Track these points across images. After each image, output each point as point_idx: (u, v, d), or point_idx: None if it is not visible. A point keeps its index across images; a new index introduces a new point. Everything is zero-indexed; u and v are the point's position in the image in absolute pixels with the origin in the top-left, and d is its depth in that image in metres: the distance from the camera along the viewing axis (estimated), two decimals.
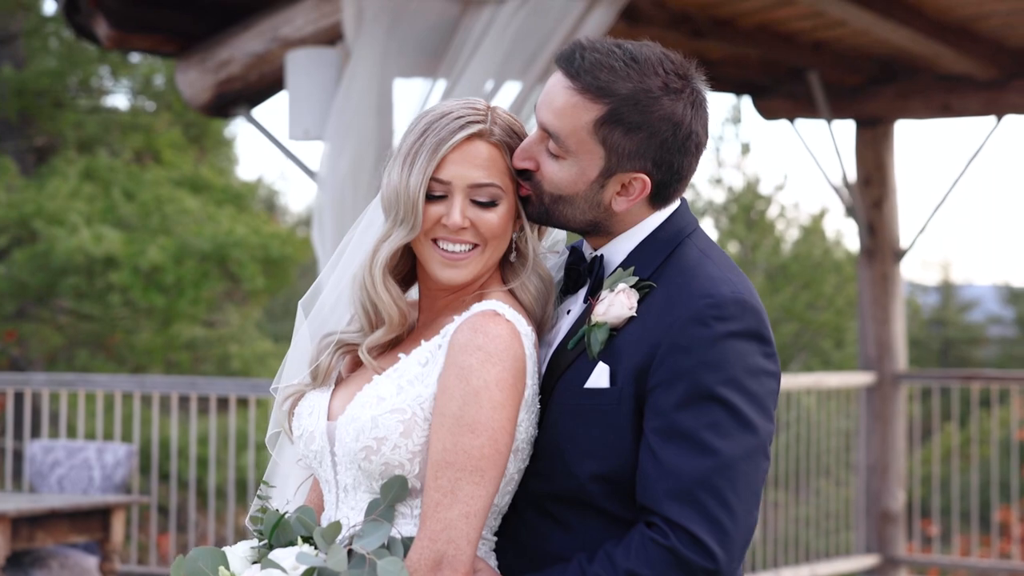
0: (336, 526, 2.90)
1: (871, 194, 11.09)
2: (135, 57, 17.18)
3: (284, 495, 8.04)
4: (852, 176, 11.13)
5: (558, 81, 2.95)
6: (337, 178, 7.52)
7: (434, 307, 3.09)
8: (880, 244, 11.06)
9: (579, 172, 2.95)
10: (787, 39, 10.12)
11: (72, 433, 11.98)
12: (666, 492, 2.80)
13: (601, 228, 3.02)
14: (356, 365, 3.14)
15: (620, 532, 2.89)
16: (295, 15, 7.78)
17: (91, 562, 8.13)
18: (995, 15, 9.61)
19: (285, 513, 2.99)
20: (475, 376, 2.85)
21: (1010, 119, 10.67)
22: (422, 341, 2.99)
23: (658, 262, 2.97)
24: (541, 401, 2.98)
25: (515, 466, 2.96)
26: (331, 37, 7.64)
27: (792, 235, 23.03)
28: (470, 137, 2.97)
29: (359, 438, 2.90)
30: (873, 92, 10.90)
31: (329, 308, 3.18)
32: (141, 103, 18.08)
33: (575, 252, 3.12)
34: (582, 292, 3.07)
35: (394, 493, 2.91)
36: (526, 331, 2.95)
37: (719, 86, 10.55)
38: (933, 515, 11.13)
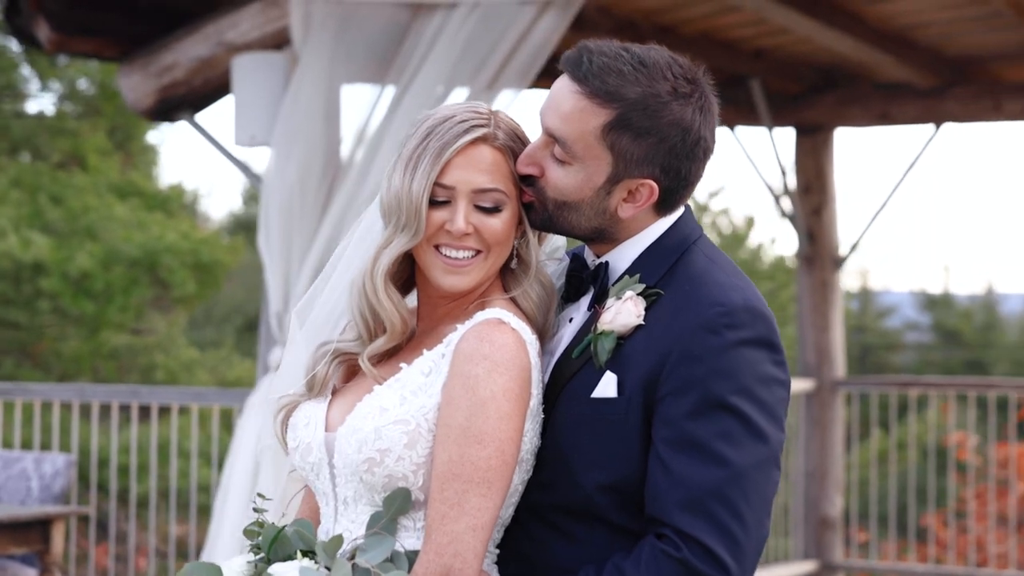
0: (338, 539, 2.83)
1: (811, 201, 11.12)
2: (61, 60, 16.96)
3: (225, 510, 7.85)
4: (792, 183, 11.16)
5: (564, 85, 2.89)
6: (284, 184, 7.44)
7: (434, 314, 3.03)
8: (819, 251, 11.09)
9: (585, 178, 2.89)
10: (729, 46, 10.13)
11: (8, 443, 11.77)
12: (677, 503, 2.75)
13: (606, 235, 2.97)
14: (352, 375, 3.07)
15: (627, 544, 2.84)
16: (241, 19, 7.69)
17: (30, 574, 7.98)
18: (935, 24, 9.66)
19: (285, 526, 2.91)
20: (482, 386, 2.80)
21: (948, 127, 10.73)
22: (424, 350, 2.93)
23: (664, 269, 2.92)
24: (544, 411, 2.93)
25: (519, 477, 2.91)
26: (278, 42, 7.55)
27: (727, 241, 23.09)
28: (474, 141, 2.91)
29: (361, 450, 2.84)
30: (813, 100, 10.93)
31: (324, 316, 3.11)
32: (67, 108, 17.86)
33: (577, 259, 3.06)
34: (584, 300, 3.01)
35: (397, 506, 2.85)
36: (531, 340, 2.90)
37: None
38: (870, 521, 11.17)
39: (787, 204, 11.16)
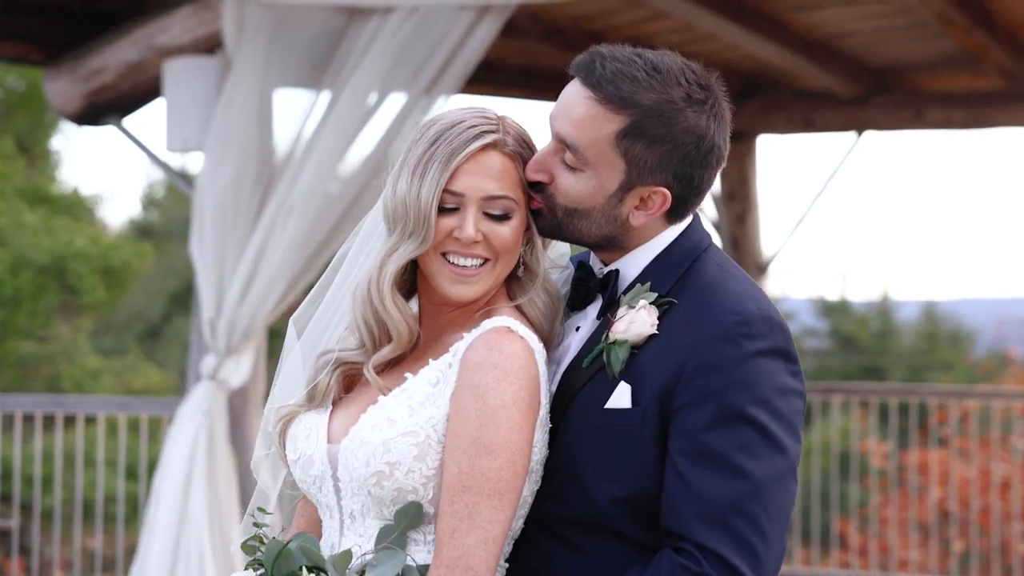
0: (347, 555, 2.77)
1: (734, 208, 11.15)
2: None
3: (157, 520, 7.66)
4: (716, 190, 11.18)
5: (577, 91, 2.84)
6: (218, 189, 7.33)
7: (437, 322, 2.96)
8: (743, 258, 11.11)
9: (597, 185, 2.84)
10: None
11: None
12: (696, 516, 2.70)
13: (615, 242, 2.92)
14: (351, 384, 3.00)
15: (641, 558, 2.79)
16: (172, 23, 7.56)
17: None
18: (859, 33, 9.72)
19: (288, 541, 2.83)
20: (492, 396, 2.74)
21: (870, 135, 10.81)
22: (429, 360, 2.86)
23: (675, 277, 2.87)
24: (552, 421, 2.88)
25: (528, 488, 2.85)
26: (210, 46, 7.44)
27: None
28: (484, 147, 2.85)
29: (370, 463, 2.77)
30: (737, 107, 10.86)
31: (323, 325, 3.03)
32: None
33: (583, 267, 3.00)
34: (591, 308, 2.95)
35: (408, 519, 2.78)
36: (539, 348, 2.85)
37: None
38: (792, 527, 11.22)
39: (711, 210, 11.18)
